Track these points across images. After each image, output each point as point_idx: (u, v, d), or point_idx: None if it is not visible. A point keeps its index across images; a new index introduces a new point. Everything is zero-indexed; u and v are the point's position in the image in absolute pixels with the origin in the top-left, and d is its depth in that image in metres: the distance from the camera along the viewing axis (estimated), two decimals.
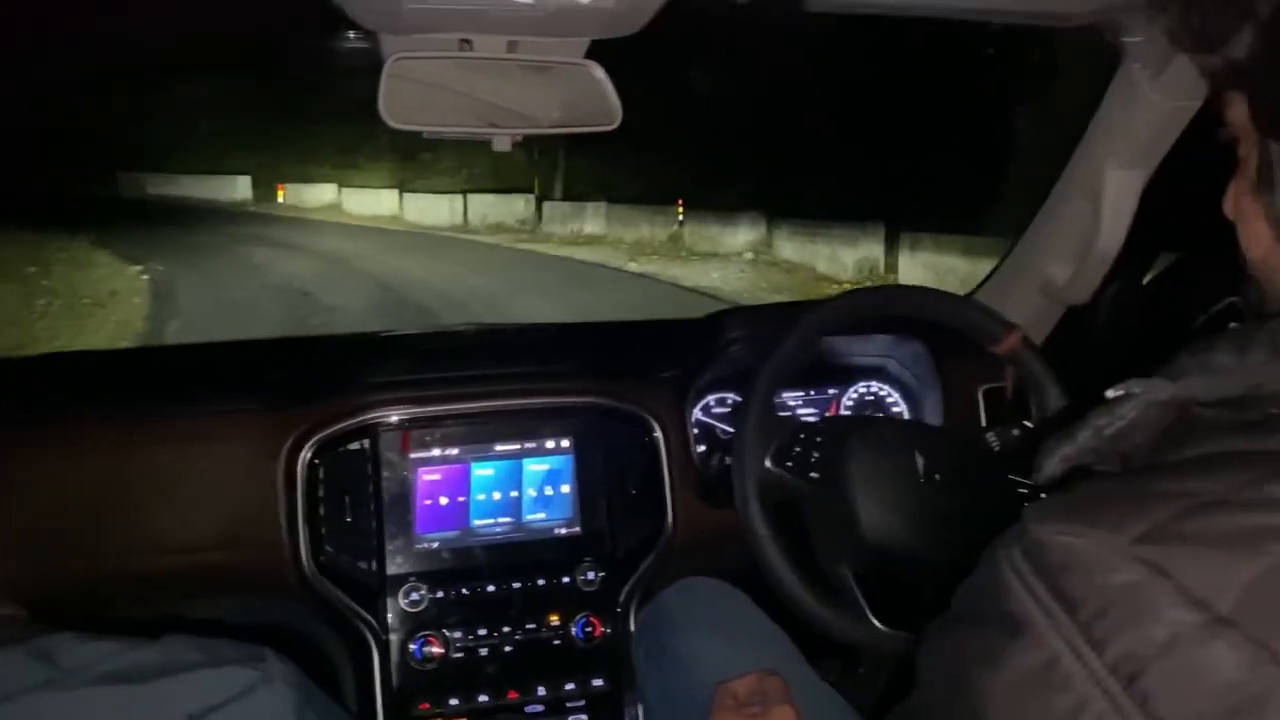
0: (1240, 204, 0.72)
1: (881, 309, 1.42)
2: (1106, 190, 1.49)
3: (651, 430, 1.58)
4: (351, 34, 1.26)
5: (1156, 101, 1.36)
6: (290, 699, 1.14)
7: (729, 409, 1.74)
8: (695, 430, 1.66)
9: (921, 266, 10.27)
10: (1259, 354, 0.63)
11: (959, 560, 1.25)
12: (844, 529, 1.24)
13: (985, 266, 1.88)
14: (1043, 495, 1.32)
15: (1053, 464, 0.74)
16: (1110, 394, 0.70)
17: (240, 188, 21.25)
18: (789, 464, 1.29)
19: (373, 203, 19.55)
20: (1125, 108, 1.42)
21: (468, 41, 1.21)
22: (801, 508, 1.30)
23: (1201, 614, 0.49)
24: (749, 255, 13.81)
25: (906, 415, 1.80)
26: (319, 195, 20.64)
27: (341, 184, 20.54)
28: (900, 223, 10.69)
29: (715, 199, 14.17)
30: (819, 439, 1.29)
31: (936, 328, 1.42)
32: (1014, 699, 0.55)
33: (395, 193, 19.73)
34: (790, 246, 13.45)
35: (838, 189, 11.88)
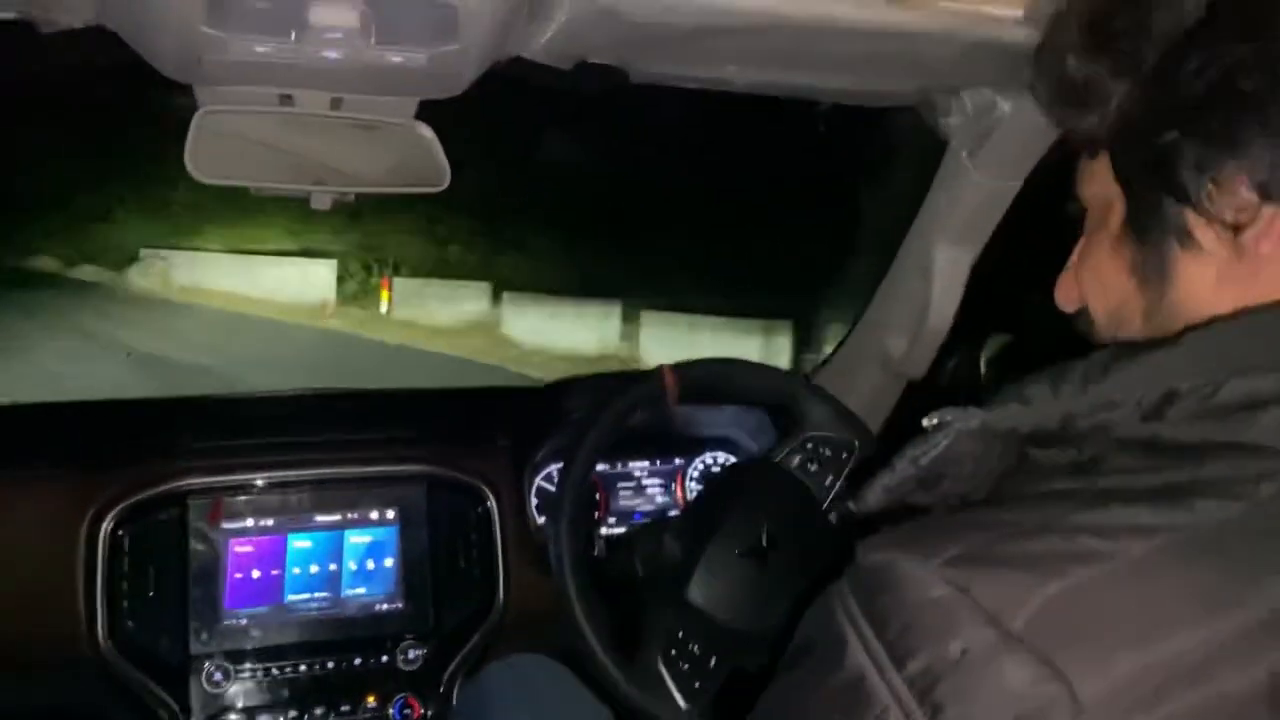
0: (1093, 267, 0.76)
1: (602, 445, 1.33)
2: (936, 268, 1.53)
3: (485, 500, 1.54)
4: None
5: (978, 182, 1.40)
6: None
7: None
8: (536, 500, 1.62)
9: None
10: (1070, 386, 0.65)
11: (794, 626, 1.27)
12: (772, 651, 1.23)
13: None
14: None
15: (873, 494, 0.75)
16: (925, 422, 0.72)
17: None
18: (696, 684, 1.23)
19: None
20: (950, 189, 1.45)
21: (288, 97, 1.17)
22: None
23: (994, 631, 0.51)
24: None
25: None
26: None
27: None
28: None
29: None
30: (681, 634, 1.24)
31: (639, 420, 1.38)
32: (825, 716, 0.56)
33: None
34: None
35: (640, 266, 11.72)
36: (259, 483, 1.44)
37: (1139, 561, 0.53)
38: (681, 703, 1.21)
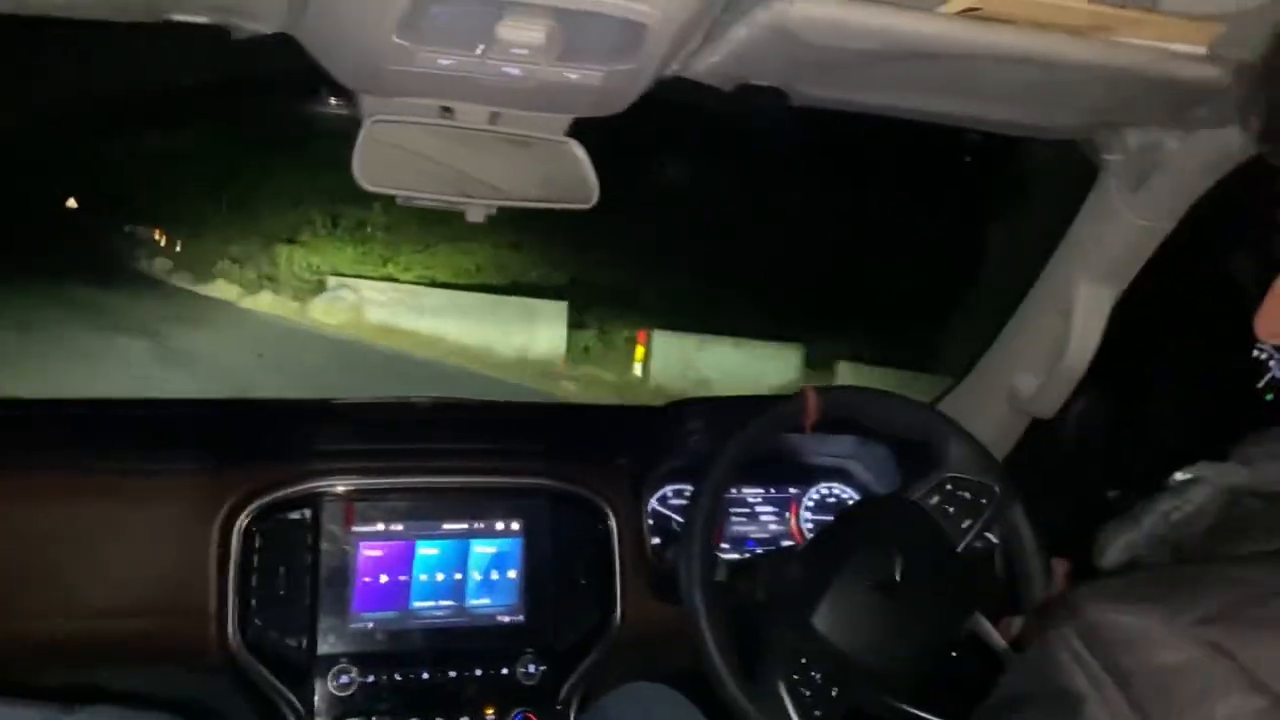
0: None
1: (732, 470, 1.34)
2: (1077, 305, 1.50)
3: (605, 518, 1.53)
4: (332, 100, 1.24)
5: (1130, 221, 1.37)
6: None
7: (686, 501, 1.69)
8: (650, 521, 1.62)
9: None
10: None
11: (961, 607, 1.27)
12: (888, 686, 1.24)
13: None
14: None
15: (1116, 550, 0.71)
16: (1179, 477, 0.68)
17: None
18: (818, 713, 1.23)
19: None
20: (1099, 224, 1.43)
21: (449, 109, 1.19)
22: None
23: (1265, 699, 0.47)
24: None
25: None
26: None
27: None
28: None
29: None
30: (804, 660, 1.24)
31: (777, 440, 1.41)
32: None
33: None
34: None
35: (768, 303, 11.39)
36: (389, 488, 1.45)
37: None
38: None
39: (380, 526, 1.43)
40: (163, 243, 15.12)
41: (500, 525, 1.48)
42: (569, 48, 0.97)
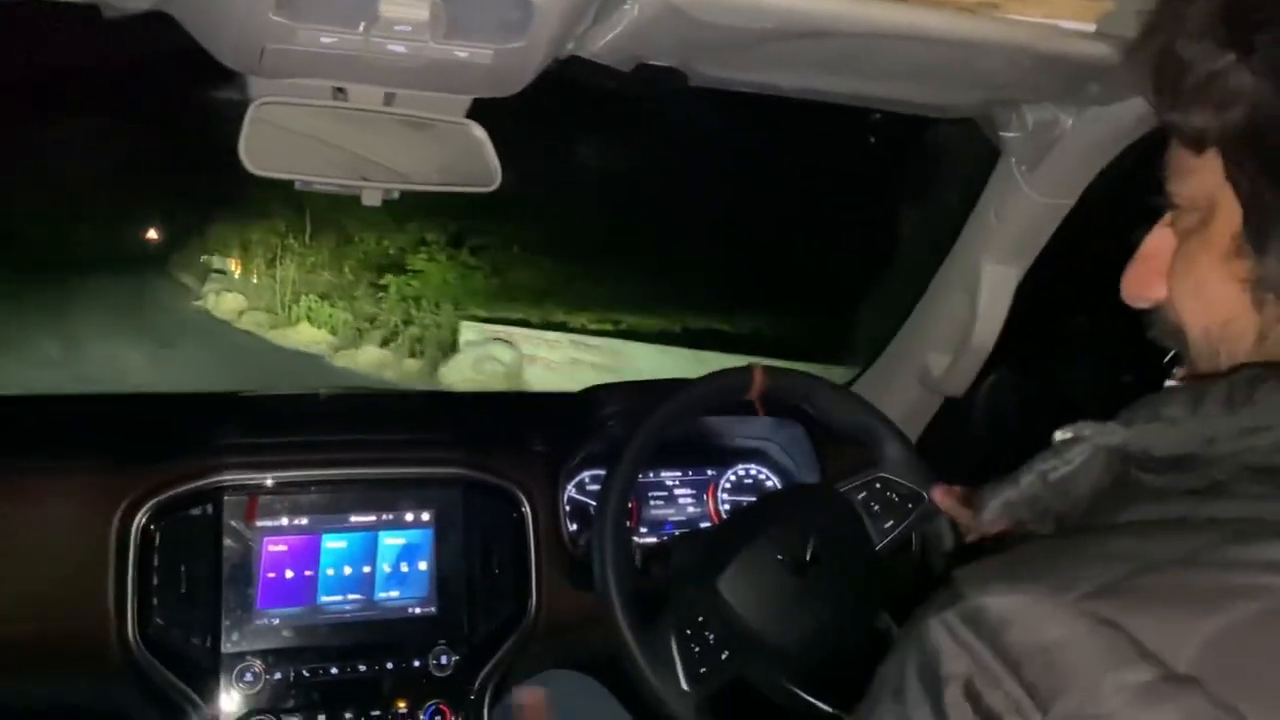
0: (1195, 273, 0.69)
1: (658, 437, 1.34)
2: (983, 284, 1.51)
3: (520, 505, 1.51)
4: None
5: (1032, 198, 1.39)
6: None
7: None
8: (567, 508, 1.60)
9: None
10: (1212, 406, 0.61)
11: (870, 600, 1.29)
12: (780, 665, 1.25)
13: None
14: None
15: (992, 509, 0.69)
16: (1059, 435, 0.66)
17: None
18: (703, 670, 1.23)
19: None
20: (1001, 203, 1.44)
21: (342, 90, 1.16)
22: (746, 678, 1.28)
23: (1154, 670, 0.47)
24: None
25: None
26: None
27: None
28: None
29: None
30: (700, 618, 1.25)
31: (713, 411, 1.43)
32: None
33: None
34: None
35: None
36: (294, 481, 1.42)
37: None
38: (684, 683, 1.21)
39: (285, 521, 1.40)
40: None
41: (410, 516, 1.45)
42: (455, 24, 0.95)
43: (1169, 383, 0.72)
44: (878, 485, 1.38)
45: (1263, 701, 0.46)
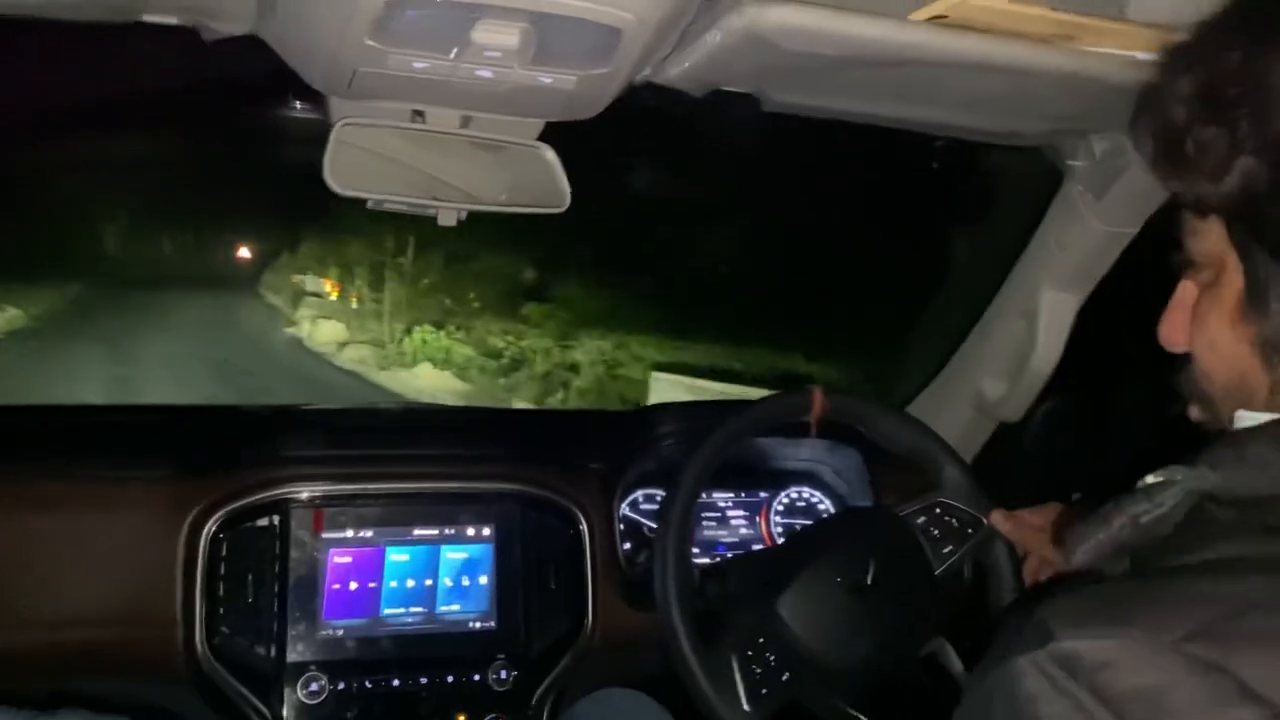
0: (1207, 332, 0.72)
1: (716, 456, 1.34)
2: (1042, 310, 1.52)
3: (577, 523, 1.53)
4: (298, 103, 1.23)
5: (1095, 226, 1.39)
6: None
7: (657, 506, 1.69)
8: (622, 527, 1.61)
9: None
10: None
11: (927, 625, 1.29)
12: (837, 687, 1.24)
13: None
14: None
15: (1083, 551, 0.69)
16: (1150, 480, 0.67)
17: None
18: (764, 691, 1.23)
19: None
20: (1064, 230, 1.45)
21: (420, 113, 1.19)
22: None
23: (1261, 710, 0.47)
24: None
25: None
26: None
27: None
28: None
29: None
30: (760, 640, 1.24)
31: (770, 432, 1.43)
32: None
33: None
34: None
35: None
36: (359, 494, 1.44)
37: None
38: (745, 703, 1.21)
39: (350, 533, 1.42)
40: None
41: (471, 531, 1.47)
42: (543, 51, 0.97)
43: (1242, 422, 0.72)
44: (937, 510, 1.37)
45: None
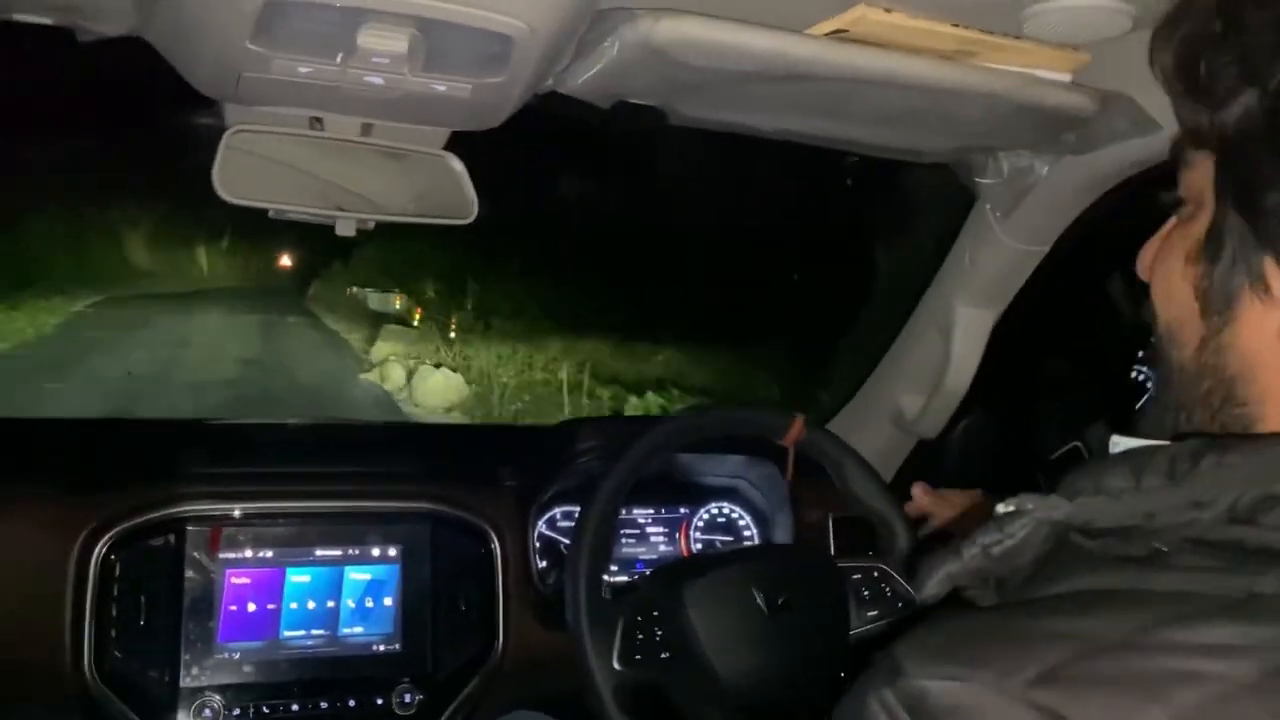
0: (1166, 265, 0.70)
1: (677, 440, 1.36)
2: (957, 327, 1.52)
3: (489, 542, 1.49)
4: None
5: (1006, 244, 1.40)
6: None
7: (574, 523, 1.67)
8: (538, 544, 1.58)
9: None
10: (1154, 479, 0.60)
11: (824, 675, 1.24)
12: (711, 692, 1.21)
13: None
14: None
15: (934, 583, 0.67)
16: (1001, 509, 0.65)
17: None
18: (638, 656, 1.22)
19: None
20: (976, 248, 1.45)
21: (318, 120, 1.16)
22: (664, 689, 1.24)
23: None
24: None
25: (757, 539, 1.76)
26: None
27: None
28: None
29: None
30: (655, 612, 1.23)
31: (733, 439, 1.43)
32: None
33: None
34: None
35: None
36: (259, 512, 1.40)
37: (1251, 685, 0.49)
38: (616, 660, 1.20)
39: (249, 553, 1.37)
40: None
41: (376, 551, 1.43)
42: (434, 58, 0.94)
43: (1114, 446, 0.71)
44: (875, 574, 1.35)
45: None
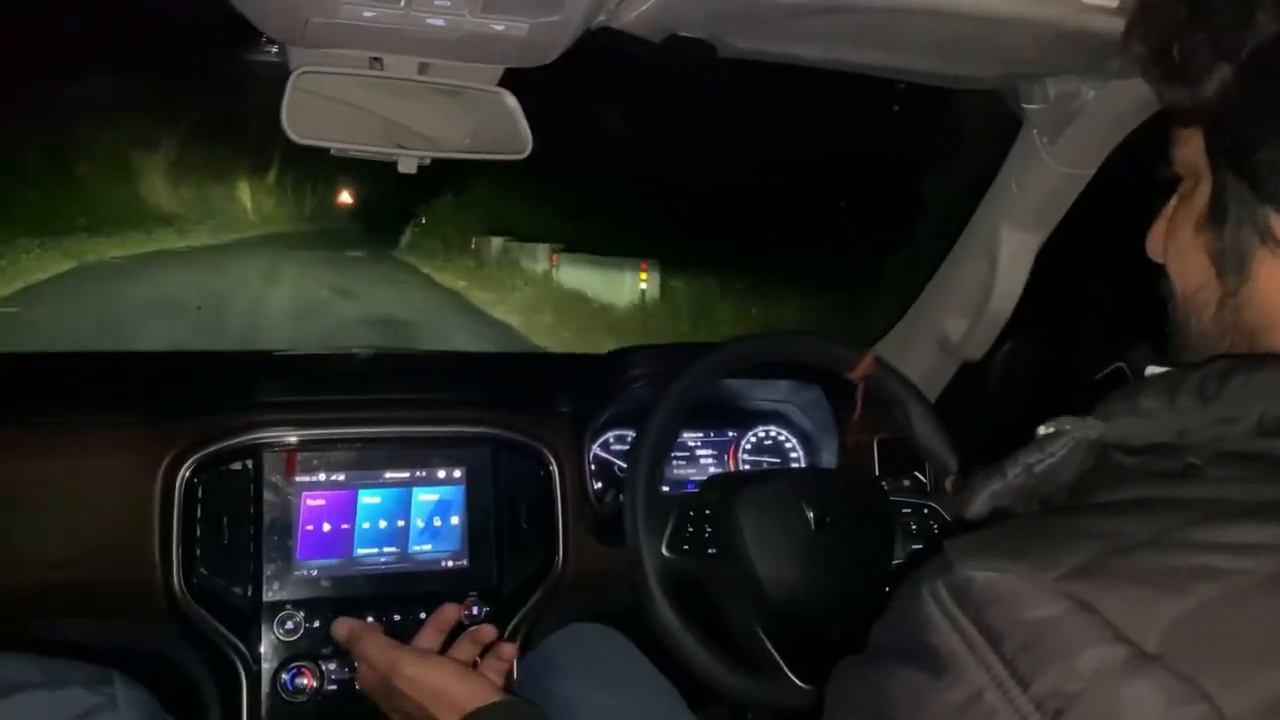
0: (1177, 240, 0.74)
1: (746, 359, 1.39)
2: (1002, 251, 1.54)
3: (547, 464, 1.56)
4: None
5: (1052, 168, 1.41)
6: None
7: (628, 446, 1.73)
8: (593, 466, 1.65)
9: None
10: (1186, 399, 0.63)
11: (862, 598, 1.28)
12: (751, 595, 1.25)
13: None
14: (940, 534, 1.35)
15: (981, 501, 0.71)
16: (1042, 430, 0.69)
17: None
18: (685, 547, 1.27)
19: None
20: (1023, 173, 1.46)
21: (378, 60, 1.19)
22: (705, 584, 1.29)
23: (1127, 649, 0.49)
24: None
25: (803, 462, 1.81)
26: None
27: None
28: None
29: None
30: (707, 511, 1.29)
31: (798, 365, 1.45)
32: None
33: None
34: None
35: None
36: (331, 438, 1.47)
37: (1270, 579, 0.52)
38: (664, 547, 1.26)
39: (322, 476, 1.45)
40: None
41: (442, 473, 1.50)
42: (493, 0, 0.97)
43: (1149, 370, 0.74)
44: (925, 511, 1.40)
45: (1223, 677, 0.49)
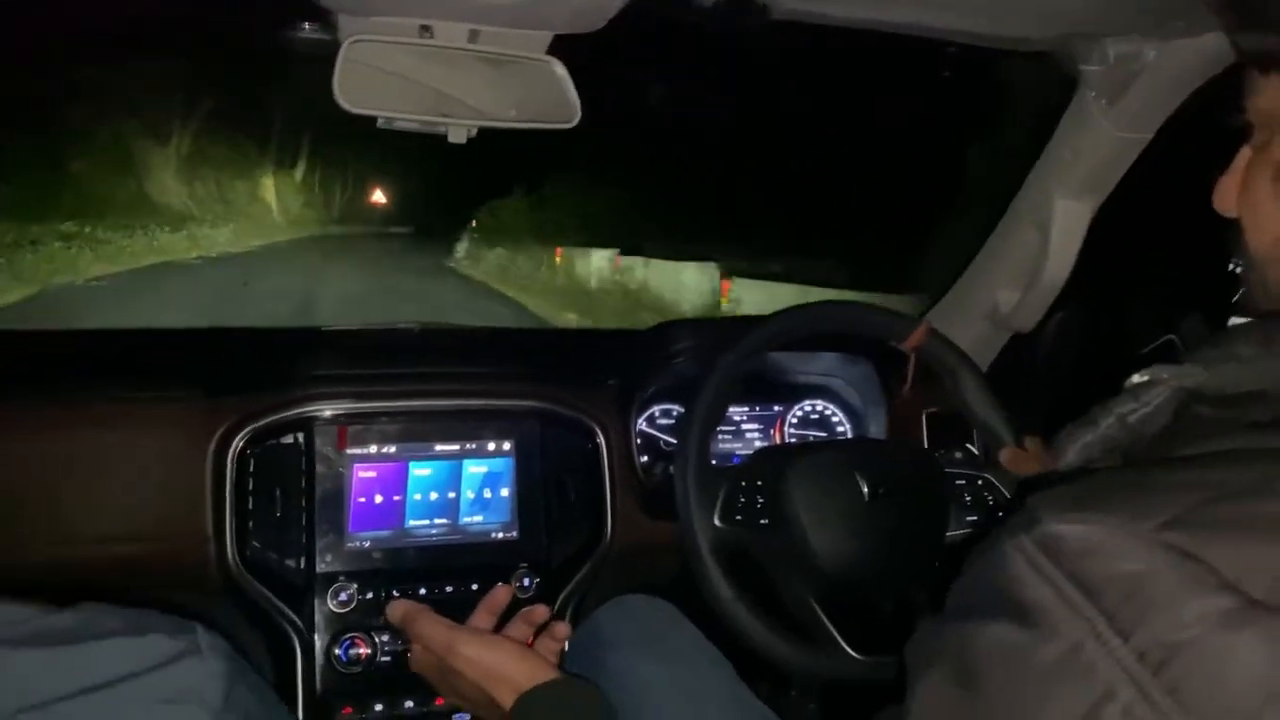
0: (1253, 191, 0.71)
1: (796, 330, 1.36)
2: (1055, 219, 1.51)
3: (595, 437, 1.56)
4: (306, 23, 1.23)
5: (1108, 132, 1.38)
6: (220, 671, 1.09)
7: (673, 420, 1.72)
8: (639, 440, 1.65)
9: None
10: None
11: (916, 569, 1.27)
12: (804, 566, 1.24)
13: None
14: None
15: (1074, 452, 0.70)
16: (1136, 379, 0.67)
17: None
18: (738, 518, 1.26)
19: None
20: (1077, 137, 1.43)
21: (428, 28, 1.19)
22: (757, 555, 1.28)
23: (1234, 599, 0.47)
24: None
25: (850, 434, 1.80)
26: None
27: None
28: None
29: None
30: (759, 482, 1.28)
31: (852, 335, 1.41)
32: (1033, 692, 0.52)
33: None
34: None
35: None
36: (382, 411, 1.47)
37: None
38: (716, 517, 1.25)
39: (373, 449, 1.45)
40: None
41: (492, 446, 1.50)
42: None
43: (1234, 321, 0.73)
44: (980, 483, 1.37)
45: None
